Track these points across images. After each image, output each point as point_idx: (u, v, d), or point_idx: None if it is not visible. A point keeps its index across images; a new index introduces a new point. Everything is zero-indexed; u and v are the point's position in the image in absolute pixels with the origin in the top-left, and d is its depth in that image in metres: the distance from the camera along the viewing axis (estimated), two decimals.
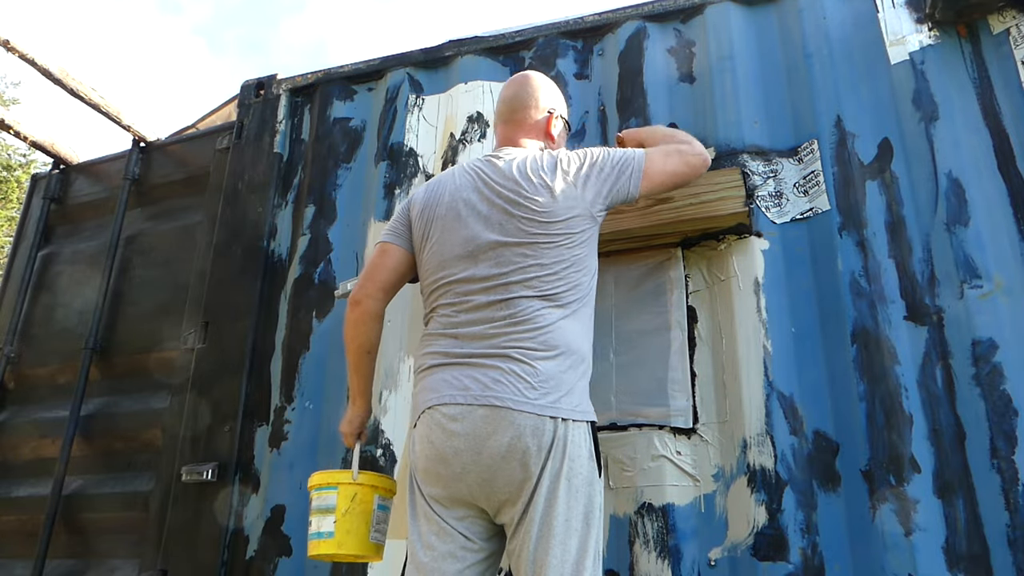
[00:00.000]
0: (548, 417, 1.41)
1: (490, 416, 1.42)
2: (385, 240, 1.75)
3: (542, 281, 1.51)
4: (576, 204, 1.58)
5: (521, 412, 1.41)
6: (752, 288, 1.92)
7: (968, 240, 1.79)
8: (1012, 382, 1.64)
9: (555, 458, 1.40)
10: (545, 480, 1.39)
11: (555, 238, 1.55)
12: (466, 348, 1.50)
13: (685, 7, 2.32)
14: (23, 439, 2.72)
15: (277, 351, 2.37)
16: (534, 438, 1.40)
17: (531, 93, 1.80)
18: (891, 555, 1.60)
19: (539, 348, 1.46)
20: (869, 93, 2.03)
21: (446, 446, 1.45)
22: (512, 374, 1.44)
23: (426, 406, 1.51)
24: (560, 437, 1.41)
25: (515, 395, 1.42)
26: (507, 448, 1.40)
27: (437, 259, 1.62)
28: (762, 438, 1.78)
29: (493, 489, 1.43)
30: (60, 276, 2.98)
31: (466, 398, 1.45)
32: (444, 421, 1.46)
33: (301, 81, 2.76)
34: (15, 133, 3.07)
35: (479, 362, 1.47)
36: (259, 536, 2.15)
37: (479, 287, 1.54)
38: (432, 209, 1.68)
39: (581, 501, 1.41)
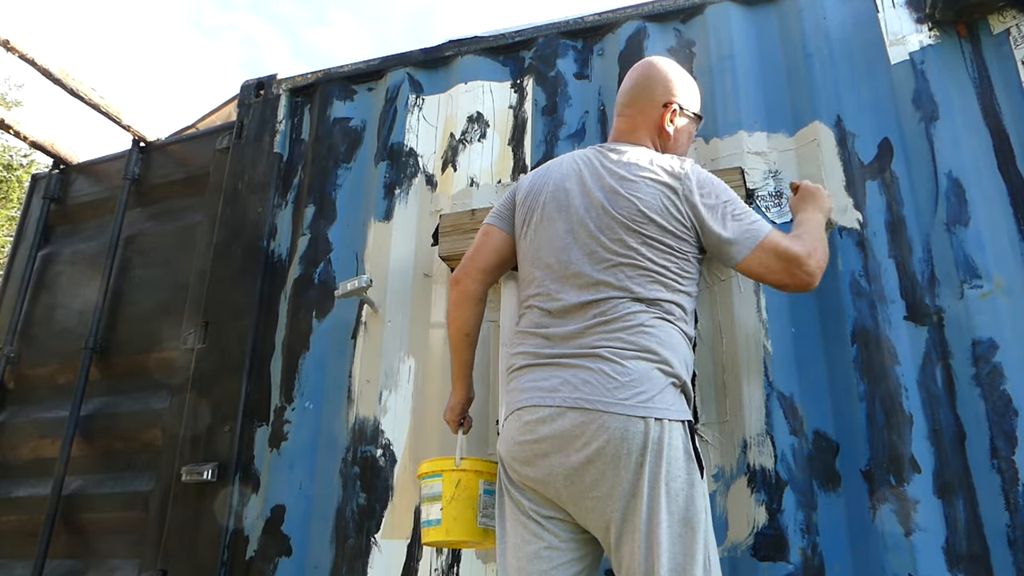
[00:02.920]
0: (639, 417, 1.34)
1: (579, 419, 1.36)
2: (489, 222, 1.72)
3: (636, 283, 1.45)
4: (675, 219, 1.50)
5: (611, 414, 1.34)
6: (752, 288, 1.92)
7: (968, 240, 1.79)
8: (1012, 382, 1.64)
9: (651, 462, 1.32)
10: (644, 487, 1.31)
11: (651, 243, 1.48)
12: (556, 348, 1.45)
13: (685, 7, 2.32)
14: (23, 439, 2.72)
15: (277, 351, 2.37)
16: (624, 441, 1.33)
17: (647, 84, 1.69)
18: (891, 555, 1.60)
19: (629, 347, 1.40)
20: (869, 93, 2.03)
21: (533, 449, 1.40)
22: (601, 374, 1.38)
23: (515, 407, 1.47)
24: (654, 439, 1.33)
25: (604, 396, 1.36)
26: (596, 452, 1.34)
27: (533, 250, 1.59)
28: (762, 438, 1.78)
29: (582, 495, 1.37)
30: (60, 276, 2.98)
31: (555, 400, 1.39)
32: (533, 423, 1.41)
33: (301, 81, 2.77)
34: (15, 133, 3.07)
35: (568, 362, 1.42)
36: (259, 536, 2.15)
37: (572, 284, 1.49)
38: (535, 197, 1.63)
39: (682, 505, 1.32)
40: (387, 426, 2.13)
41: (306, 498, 2.15)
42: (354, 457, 2.13)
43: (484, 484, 1.63)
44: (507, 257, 1.71)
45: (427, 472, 1.66)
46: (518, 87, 2.44)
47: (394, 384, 2.18)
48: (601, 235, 1.50)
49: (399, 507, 2.04)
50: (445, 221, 2.21)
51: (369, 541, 2.02)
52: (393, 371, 2.20)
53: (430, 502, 1.63)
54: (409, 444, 2.10)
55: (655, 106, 1.68)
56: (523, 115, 2.38)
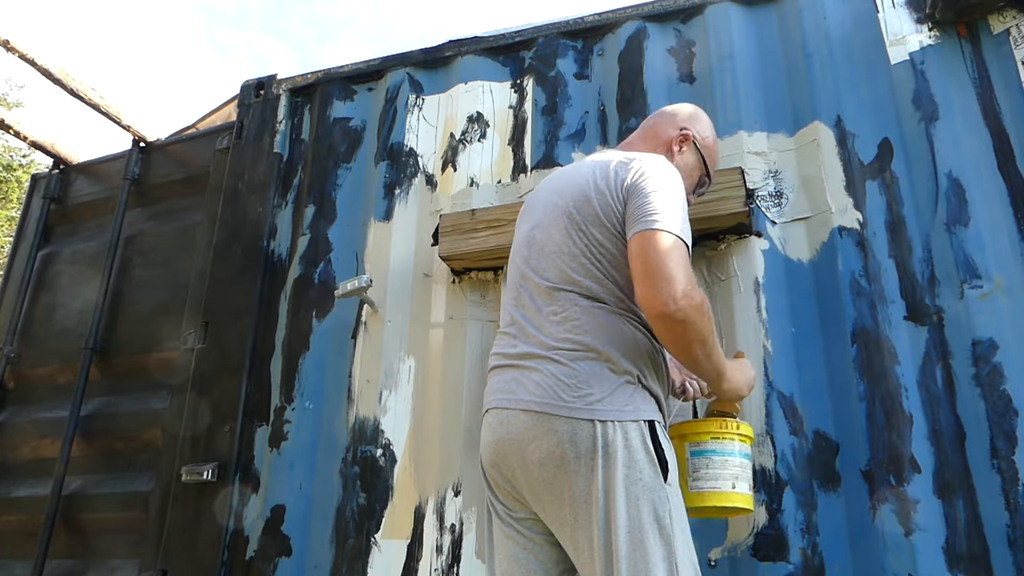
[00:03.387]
0: (586, 420, 1.30)
1: (530, 422, 1.35)
2: None
3: (584, 277, 1.41)
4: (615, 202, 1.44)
5: (559, 417, 1.32)
6: (752, 288, 1.92)
7: (968, 240, 1.79)
8: (1012, 382, 1.64)
9: (604, 466, 1.27)
10: (598, 493, 1.27)
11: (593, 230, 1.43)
12: (516, 348, 1.45)
13: (685, 7, 2.32)
14: (23, 439, 2.72)
15: (277, 351, 2.37)
16: (572, 445, 1.29)
17: (673, 111, 1.71)
18: (891, 555, 1.60)
19: (577, 348, 1.36)
20: (869, 93, 2.03)
21: (496, 450, 1.41)
22: (552, 376, 1.36)
23: (484, 409, 1.49)
24: (604, 442, 1.28)
25: (553, 399, 1.34)
26: (545, 456, 1.32)
27: (512, 251, 1.62)
28: (762, 438, 1.78)
29: (539, 498, 1.35)
30: (60, 276, 2.98)
31: (510, 402, 1.39)
32: (495, 425, 1.42)
33: (301, 81, 2.76)
34: (15, 133, 3.07)
35: (525, 364, 1.42)
36: (259, 536, 2.15)
37: (532, 280, 1.48)
38: (531, 196, 1.67)
39: (643, 510, 1.25)
40: (387, 426, 2.13)
41: (306, 498, 2.15)
42: (354, 457, 2.13)
43: (690, 447, 1.49)
44: None
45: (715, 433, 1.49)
46: (518, 87, 2.44)
47: (394, 384, 2.18)
48: (550, 231, 1.49)
49: (399, 507, 2.04)
50: (445, 221, 2.21)
51: (369, 541, 2.02)
52: (393, 371, 2.20)
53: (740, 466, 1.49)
54: (409, 444, 2.10)
55: (672, 128, 1.67)
56: (523, 115, 2.38)
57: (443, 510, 1.99)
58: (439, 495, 2.02)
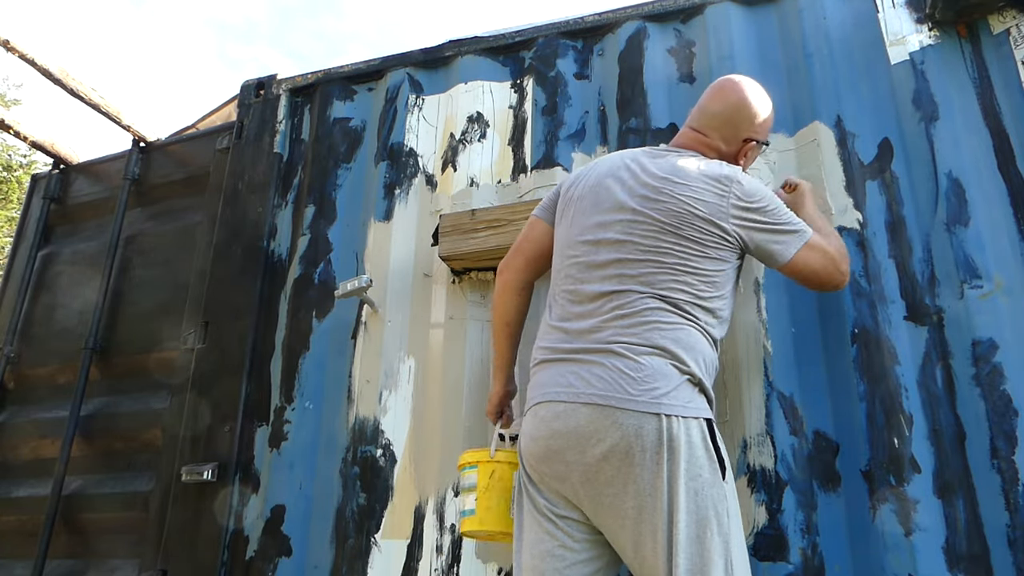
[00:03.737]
0: (652, 414, 1.32)
1: (593, 415, 1.36)
2: (534, 214, 1.75)
3: (660, 281, 1.43)
4: (717, 219, 1.48)
5: (624, 411, 1.33)
6: (752, 288, 1.92)
7: (968, 240, 1.79)
8: (1012, 382, 1.64)
9: (668, 459, 1.30)
10: (663, 485, 1.30)
11: (685, 244, 1.46)
12: (574, 343, 1.45)
13: (685, 7, 2.32)
14: (23, 439, 2.72)
15: (277, 351, 2.37)
16: (638, 438, 1.31)
17: (737, 114, 1.65)
18: (891, 555, 1.60)
19: (643, 344, 1.38)
20: (869, 93, 2.03)
21: (549, 444, 1.40)
22: (615, 370, 1.37)
23: (532, 403, 1.47)
24: (670, 436, 1.31)
25: (617, 392, 1.35)
26: (609, 449, 1.33)
27: (565, 240, 1.59)
28: (762, 438, 1.78)
29: (598, 493, 1.36)
30: (60, 276, 2.98)
31: (569, 396, 1.39)
32: (548, 419, 1.41)
33: (301, 81, 2.76)
34: (15, 133, 3.07)
35: (583, 358, 1.42)
36: (259, 536, 2.15)
37: (596, 275, 1.48)
38: (575, 188, 1.65)
39: (703, 504, 1.30)
40: (387, 426, 2.13)
41: (306, 498, 2.15)
42: (354, 457, 2.13)
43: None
44: (548, 248, 1.70)
45: (465, 463, 1.68)
46: (518, 87, 2.44)
47: (394, 384, 2.18)
48: (632, 231, 1.49)
49: (399, 507, 2.04)
50: (445, 221, 2.21)
51: (369, 541, 2.02)
52: (393, 371, 2.20)
53: (466, 492, 1.65)
54: (409, 444, 2.10)
55: (736, 140, 1.66)
56: (523, 115, 2.38)
57: (443, 510, 1.99)
58: (439, 495, 2.02)
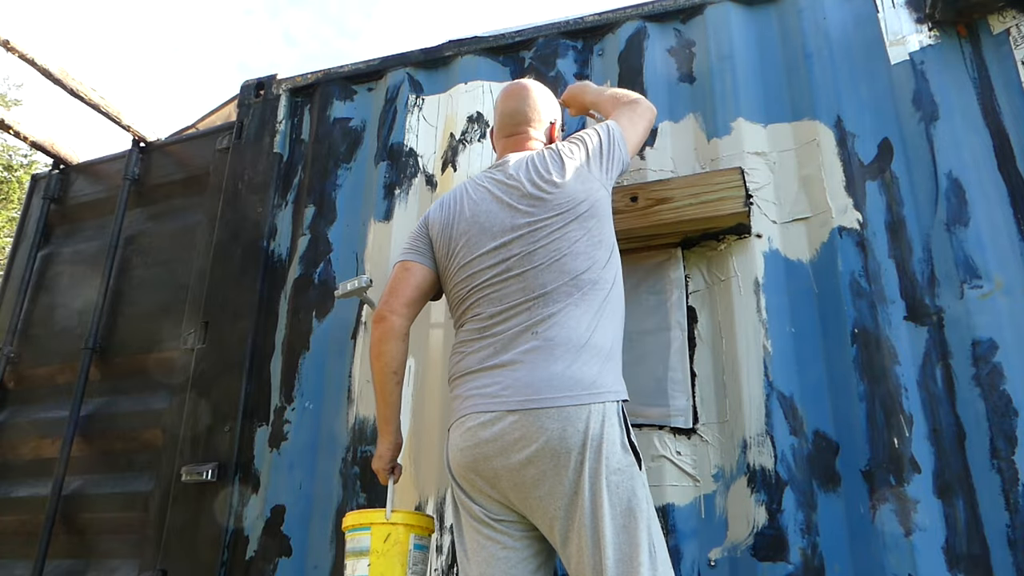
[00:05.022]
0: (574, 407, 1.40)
1: (520, 420, 1.41)
2: (406, 259, 1.74)
3: (576, 271, 1.52)
4: (592, 184, 1.65)
5: (548, 410, 1.40)
6: (752, 288, 1.92)
7: (968, 240, 1.79)
8: (1012, 382, 1.64)
9: (592, 459, 1.38)
10: (584, 485, 1.37)
11: (582, 219, 1.59)
12: (498, 354, 1.50)
13: (685, 7, 2.32)
14: (23, 439, 2.72)
15: (277, 351, 2.37)
16: (562, 441, 1.38)
17: (533, 106, 1.85)
18: (891, 555, 1.60)
19: (575, 348, 1.45)
20: (869, 93, 2.03)
21: (478, 452, 1.45)
22: (539, 370, 1.43)
23: (459, 414, 1.52)
24: (592, 432, 1.39)
25: (538, 394, 1.41)
26: (533, 453, 1.40)
27: (467, 271, 1.63)
28: (762, 438, 1.78)
29: (525, 496, 1.42)
30: (60, 276, 2.98)
31: (498, 405, 1.45)
32: (475, 428, 1.46)
33: (301, 81, 2.76)
34: (15, 133, 3.07)
35: (508, 362, 1.47)
36: (259, 536, 2.15)
37: (514, 288, 1.54)
38: (453, 225, 1.69)
39: (626, 497, 1.37)
40: None
41: (306, 498, 2.15)
42: (354, 457, 2.13)
43: (415, 538, 1.58)
44: (427, 291, 1.74)
45: (354, 524, 1.58)
46: None
47: None
48: (532, 233, 1.57)
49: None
50: None
51: None
52: None
53: (356, 557, 1.55)
54: (409, 444, 2.10)
55: (542, 125, 1.86)
56: None
57: (443, 510, 1.99)
58: (439, 495, 2.02)
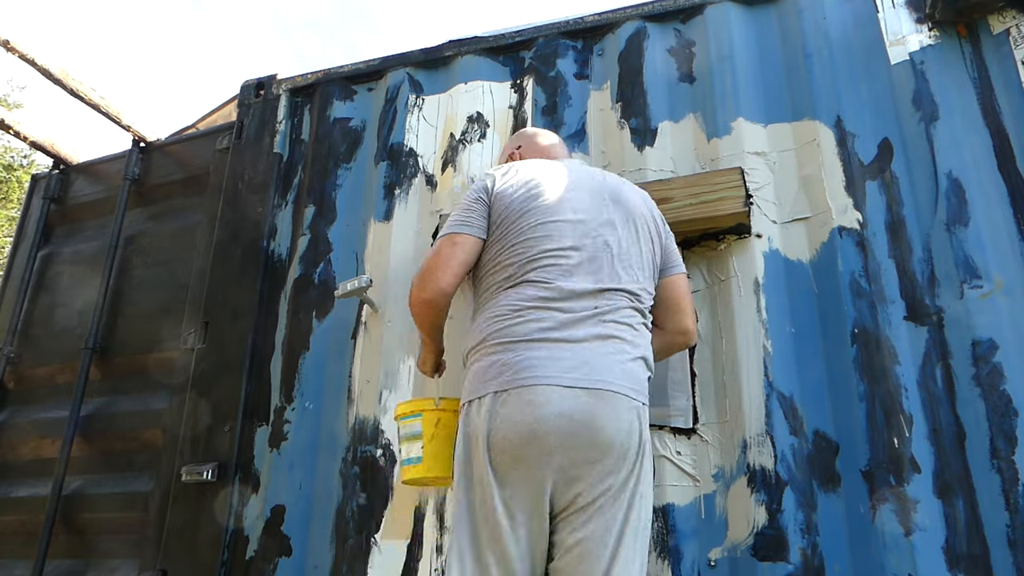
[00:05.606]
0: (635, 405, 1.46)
1: (592, 403, 1.40)
2: (457, 231, 1.65)
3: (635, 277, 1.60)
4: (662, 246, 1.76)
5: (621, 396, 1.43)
6: (752, 288, 1.92)
7: (968, 240, 1.79)
8: (1012, 382, 1.64)
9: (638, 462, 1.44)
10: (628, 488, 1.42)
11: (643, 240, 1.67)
12: (566, 328, 1.46)
13: (685, 7, 2.32)
14: (23, 439, 2.72)
15: (277, 351, 2.37)
16: (629, 435, 1.42)
17: None
18: (891, 555, 1.60)
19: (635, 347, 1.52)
20: (869, 93, 2.03)
21: (537, 427, 1.36)
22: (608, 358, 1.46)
23: (513, 385, 1.39)
24: (645, 435, 1.46)
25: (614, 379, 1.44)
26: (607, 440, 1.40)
27: (542, 231, 1.57)
28: (762, 438, 1.78)
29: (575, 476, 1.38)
30: (60, 276, 2.98)
31: (567, 381, 1.40)
32: (538, 402, 1.37)
33: (301, 81, 2.76)
34: (15, 133, 3.07)
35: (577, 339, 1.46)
36: (259, 536, 2.15)
37: (585, 270, 1.55)
38: (541, 184, 1.65)
39: (646, 508, 1.45)
40: (387, 426, 2.13)
41: (306, 498, 2.15)
42: (354, 457, 2.13)
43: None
44: (472, 263, 1.67)
45: (406, 412, 1.69)
46: (518, 87, 2.44)
47: (394, 384, 2.18)
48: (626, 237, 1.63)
49: (399, 507, 2.04)
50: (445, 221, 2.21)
51: (369, 541, 2.02)
52: (393, 371, 2.20)
53: (410, 441, 1.66)
54: None
55: None
56: (523, 115, 2.38)
57: (443, 510, 1.99)
58: (439, 495, 2.01)
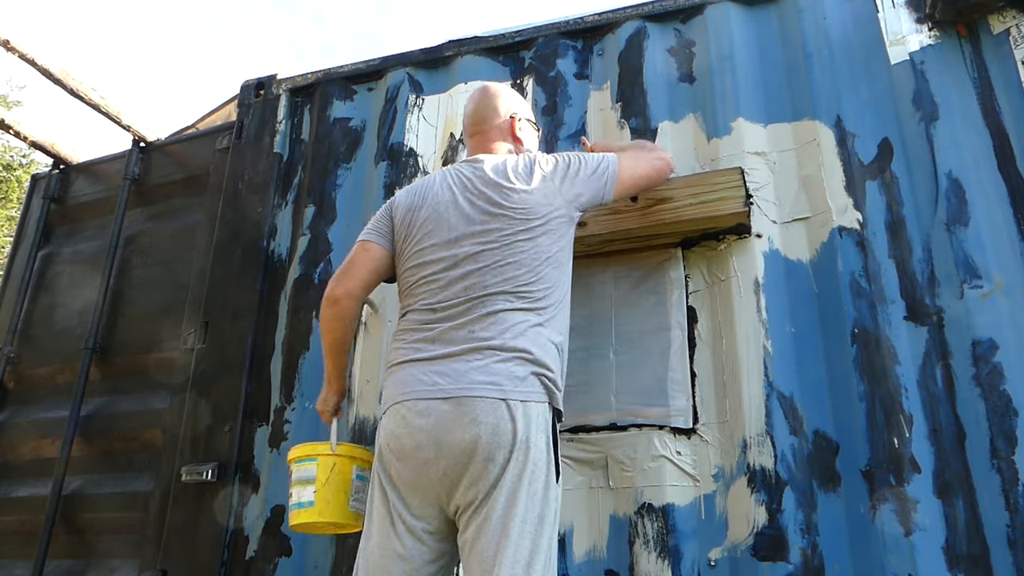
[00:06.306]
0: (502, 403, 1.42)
1: (453, 410, 1.43)
2: (368, 239, 1.76)
3: (518, 281, 1.54)
4: (555, 200, 1.63)
5: (482, 399, 1.42)
6: (752, 288, 1.92)
7: (968, 240, 1.79)
8: (1012, 382, 1.64)
9: (516, 460, 1.40)
10: (508, 479, 1.39)
11: (532, 232, 1.59)
12: (435, 346, 1.52)
13: (685, 7, 2.32)
14: (23, 439, 2.72)
15: (277, 351, 2.37)
16: (495, 435, 1.41)
17: (490, 103, 1.86)
18: (891, 555, 1.60)
19: (509, 350, 1.48)
20: (869, 93, 2.03)
21: (410, 440, 1.46)
22: (473, 363, 1.46)
23: (393, 401, 1.53)
24: (521, 432, 1.41)
25: (477, 385, 1.44)
26: (468, 445, 1.41)
27: (417, 260, 1.65)
28: (762, 438, 1.78)
29: (451, 487, 1.43)
30: (60, 276, 2.98)
31: (433, 393, 1.47)
32: (410, 416, 1.47)
33: (301, 81, 2.76)
34: (15, 133, 3.07)
35: (450, 358, 1.49)
36: (259, 536, 2.15)
37: (457, 287, 1.56)
38: (415, 211, 1.71)
39: (536, 505, 1.40)
40: None
41: None
42: None
43: (357, 469, 1.70)
44: (383, 273, 1.76)
45: (300, 456, 1.72)
46: (518, 87, 2.44)
47: None
48: (487, 237, 1.59)
49: None
50: None
51: None
52: None
53: (302, 485, 1.68)
54: None
55: (502, 118, 1.85)
56: None
57: None
58: None
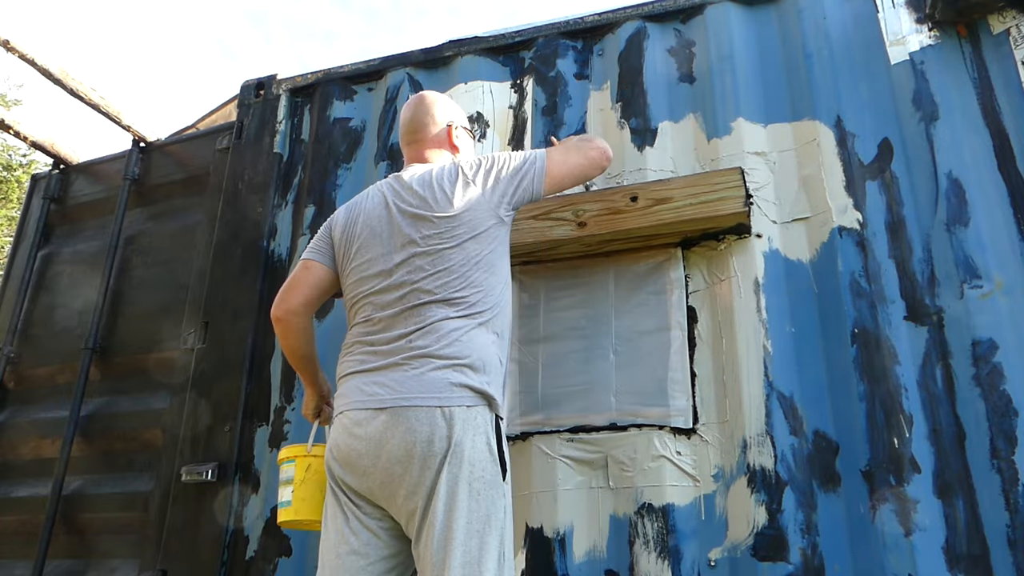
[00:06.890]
0: (438, 409, 1.44)
1: (389, 420, 1.46)
2: (309, 257, 1.79)
3: (450, 288, 1.55)
4: (479, 204, 1.63)
5: (415, 408, 1.44)
6: (752, 288, 1.92)
7: (968, 240, 1.79)
8: (1012, 382, 1.64)
9: (452, 463, 1.41)
10: (441, 488, 1.41)
11: (459, 238, 1.59)
12: (379, 360, 1.55)
13: (685, 7, 2.32)
14: (23, 439, 2.72)
15: (277, 351, 2.37)
16: (428, 443, 1.42)
17: (427, 111, 1.86)
18: (891, 555, 1.60)
19: (445, 357, 1.49)
20: (869, 93, 2.03)
21: (350, 450, 1.51)
22: (410, 373, 1.48)
23: (338, 411, 1.58)
24: (458, 436, 1.42)
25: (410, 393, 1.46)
26: (402, 453, 1.44)
27: (356, 275, 1.68)
28: (762, 438, 1.78)
29: (391, 494, 1.47)
30: (60, 276, 2.98)
31: (371, 403, 1.50)
32: (351, 426, 1.51)
33: (301, 81, 2.76)
34: (15, 133, 3.07)
35: (389, 368, 1.52)
36: (259, 536, 2.15)
37: (392, 298, 1.58)
38: (351, 228, 1.73)
39: (482, 505, 1.41)
40: None
41: None
42: None
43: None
44: (327, 290, 1.79)
45: (283, 458, 1.76)
46: (518, 87, 2.44)
47: None
48: (415, 248, 1.60)
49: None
50: None
51: None
52: None
53: (284, 485, 1.73)
54: None
55: (438, 127, 1.86)
56: (523, 115, 2.38)
57: None
58: None
